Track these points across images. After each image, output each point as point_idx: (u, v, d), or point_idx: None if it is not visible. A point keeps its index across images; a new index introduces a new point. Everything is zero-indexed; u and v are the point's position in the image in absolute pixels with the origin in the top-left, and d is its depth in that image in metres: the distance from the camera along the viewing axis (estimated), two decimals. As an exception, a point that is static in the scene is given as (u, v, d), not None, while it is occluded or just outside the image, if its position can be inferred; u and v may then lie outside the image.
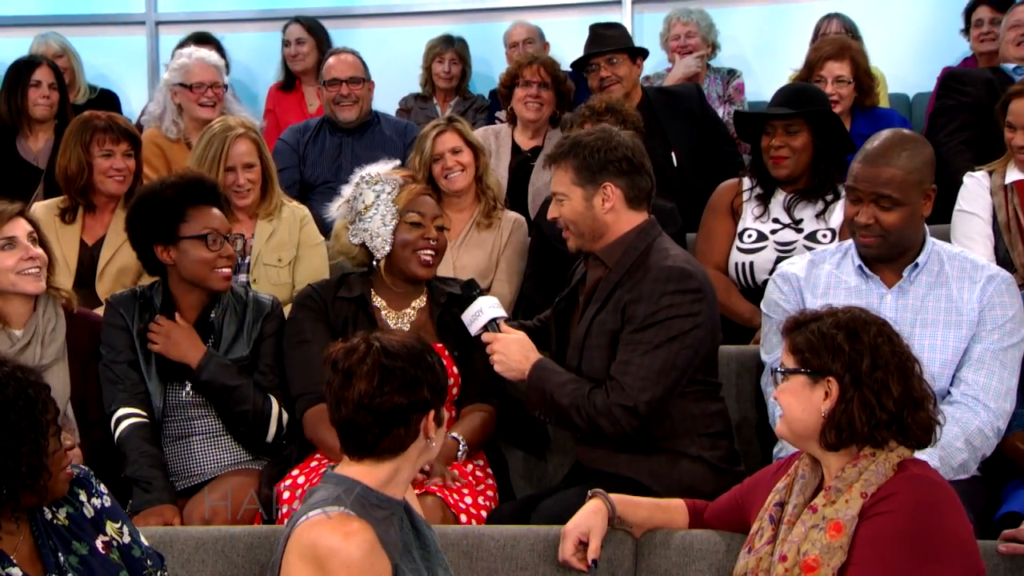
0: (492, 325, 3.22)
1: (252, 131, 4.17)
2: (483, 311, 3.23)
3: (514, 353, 3.17)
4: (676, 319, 3.04)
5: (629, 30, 7.01)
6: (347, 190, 3.45)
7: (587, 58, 5.01)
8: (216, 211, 3.43)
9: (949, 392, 3.11)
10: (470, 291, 3.33)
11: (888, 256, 3.19)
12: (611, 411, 3.01)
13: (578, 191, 3.18)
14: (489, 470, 3.36)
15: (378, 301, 3.42)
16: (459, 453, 3.22)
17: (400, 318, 3.41)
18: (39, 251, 3.34)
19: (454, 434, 3.23)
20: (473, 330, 3.25)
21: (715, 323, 3.17)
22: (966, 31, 6.02)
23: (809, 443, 2.48)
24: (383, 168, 3.44)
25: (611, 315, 3.11)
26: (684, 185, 4.76)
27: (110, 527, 2.46)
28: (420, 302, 3.44)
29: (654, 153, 4.69)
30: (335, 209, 3.48)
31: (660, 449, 3.10)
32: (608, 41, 5.00)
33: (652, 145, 4.67)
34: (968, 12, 5.96)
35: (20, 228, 3.32)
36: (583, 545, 2.72)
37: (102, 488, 2.50)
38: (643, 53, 5.13)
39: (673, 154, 4.83)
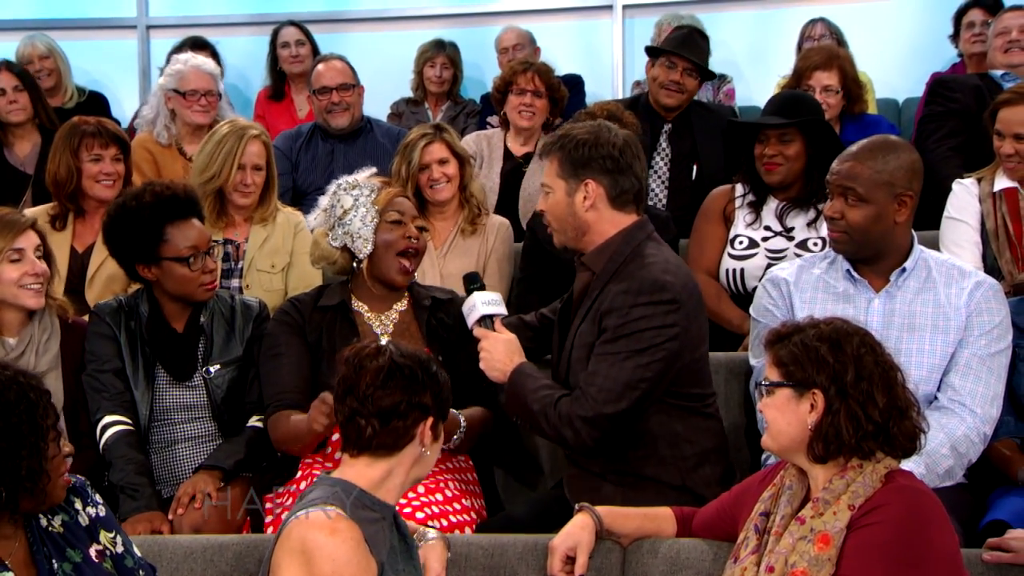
0: (486, 322, 3.20)
1: (264, 135, 4.22)
2: (476, 306, 3.21)
3: (500, 354, 3.14)
4: (647, 331, 2.96)
5: (620, 35, 7.10)
6: (324, 200, 3.46)
7: (664, 53, 4.99)
8: (195, 223, 3.43)
9: (936, 397, 3.12)
10: (470, 284, 3.31)
11: (857, 255, 3.20)
12: (572, 422, 2.96)
13: (561, 184, 3.12)
14: (475, 476, 3.37)
15: (359, 305, 3.42)
16: (459, 431, 3.19)
17: (382, 321, 3.41)
18: (43, 266, 3.33)
19: (458, 413, 3.20)
20: (469, 323, 3.24)
21: (696, 334, 3.07)
22: (955, 36, 6.04)
23: (796, 455, 2.49)
24: (359, 176, 3.45)
25: (589, 326, 3.06)
26: (696, 198, 4.75)
27: (104, 536, 2.47)
28: (402, 304, 3.45)
29: (678, 163, 4.81)
30: (312, 219, 3.49)
31: (641, 475, 3.04)
32: (698, 53, 4.99)
33: (679, 155, 4.81)
34: (959, 15, 5.98)
35: (30, 241, 3.30)
36: (571, 560, 2.71)
37: (97, 497, 2.51)
38: (712, 78, 5.24)
39: (695, 166, 4.87)
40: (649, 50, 5.16)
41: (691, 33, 5.10)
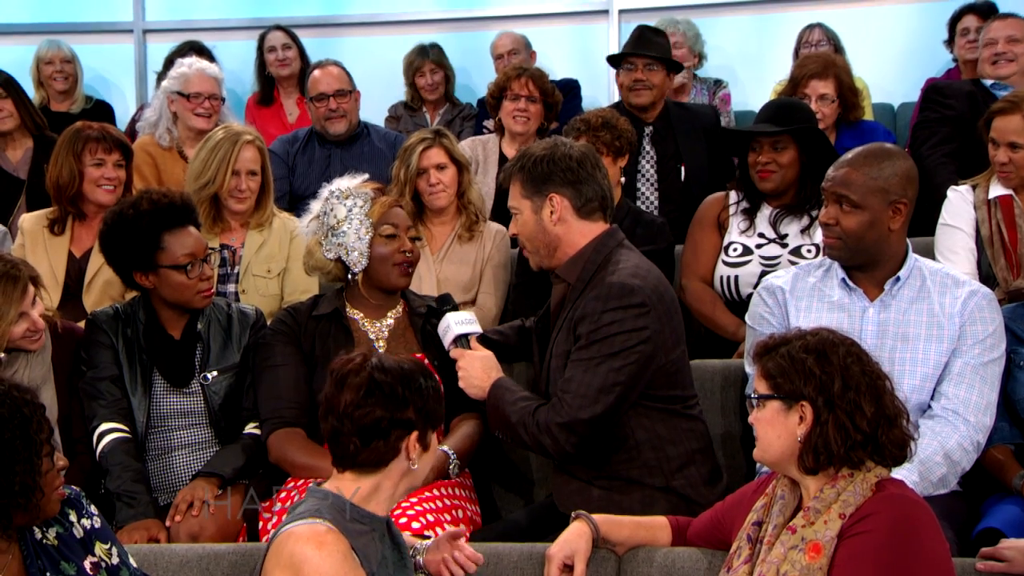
0: (462, 341, 3.25)
1: (259, 140, 4.23)
2: (451, 327, 3.26)
3: (477, 371, 3.18)
4: (618, 335, 2.99)
5: (616, 40, 7.10)
6: (315, 205, 3.46)
7: (625, 56, 5.00)
8: (192, 230, 3.44)
9: (929, 406, 3.13)
10: (443, 306, 3.36)
11: (851, 262, 3.21)
12: (550, 429, 2.99)
13: (527, 203, 3.17)
14: (471, 483, 3.38)
15: (354, 313, 3.43)
16: (450, 467, 3.23)
17: (378, 328, 3.42)
18: (43, 322, 3.32)
19: (444, 447, 3.24)
20: (445, 344, 3.29)
21: (670, 336, 3.08)
22: (950, 41, 6.04)
23: (787, 467, 2.50)
24: (351, 182, 3.45)
25: (565, 335, 3.10)
26: (687, 200, 4.77)
27: (99, 548, 2.48)
28: (397, 312, 3.46)
29: (664, 165, 4.79)
30: (305, 224, 3.49)
31: (627, 479, 3.07)
32: (653, 47, 5.00)
33: (664, 156, 4.76)
34: (953, 21, 5.97)
35: (30, 296, 3.26)
36: (568, 568, 2.71)
37: (92, 509, 2.51)
38: (678, 69, 5.18)
39: (682, 168, 4.86)
40: (610, 60, 5.17)
41: (642, 31, 5.11)
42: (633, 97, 4.93)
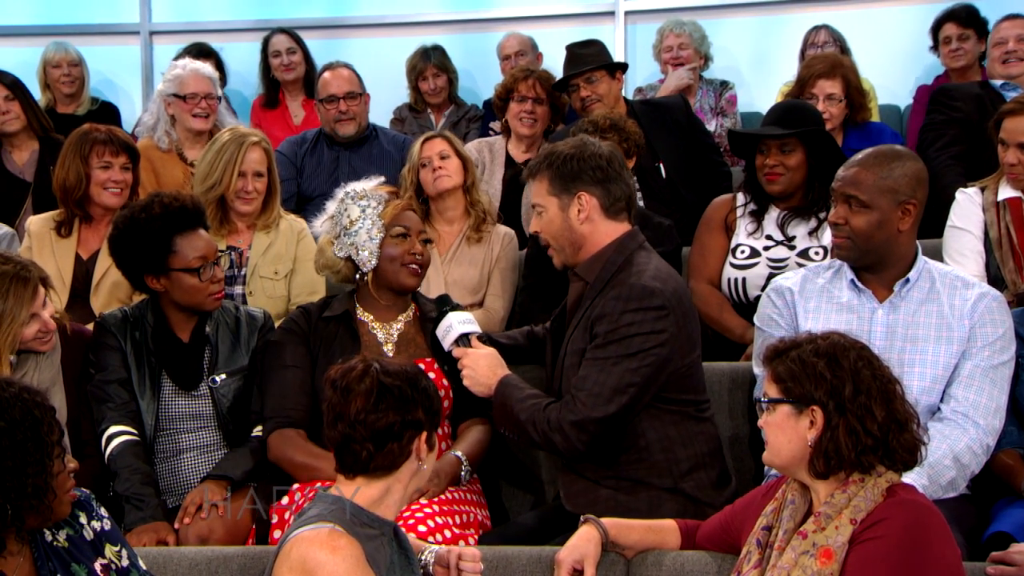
0: (463, 340, 3.26)
1: (265, 141, 4.24)
2: (453, 326, 3.27)
3: (482, 369, 3.18)
4: (636, 336, 3.00)
5: (622, 42, 7.10)
6: (331, 206, 3.48)
7: (567, 80, 5.00)
8: (203, 233, 3.45)
9: (939, 408, 3.12)
10: (442, 306, 3.36)
11: (860, 262, 3.21)
12: (562, 427, 3.00)
13: (554, 201, 3.17)
14: (480, 486, 3.37)
15: (364, 316, 3.44)
16: (463, 473, 3.23)
17: (387, 331, 3.42)
18: (53, 323, 3.32)
19: (456, 452, 3.24)
20: (445, 345, 3.30)
21: (687, 340, 3.10)
22: (935, 48, 6.00)
23: (797, 471, 2.50)
24: (366, 185, 3.47)
25: (581, 334, 3.10)
26: (673, 196, 4.78)
27: (109, 550, 2.48)
28: (407, 316, 3.47)
29: (642, 165, 4.77)
30: (319, 225, 3.51)
31: (635, 480, 3.07)
32: (584, 60, 4.97)
33: (640, 157, 4.74)
34: (935, 29, 5.91)
35: (40, 298, 3.26)
36: (577, 572, 2.71)
37: (102, 511, 2.52)
38: (622, 67, 5.13)
39: (661, 165, 4.84)
40: (555, 88, 5.14)
41: (570, 52, 5.06)
42: (591, 113, 4.88)
